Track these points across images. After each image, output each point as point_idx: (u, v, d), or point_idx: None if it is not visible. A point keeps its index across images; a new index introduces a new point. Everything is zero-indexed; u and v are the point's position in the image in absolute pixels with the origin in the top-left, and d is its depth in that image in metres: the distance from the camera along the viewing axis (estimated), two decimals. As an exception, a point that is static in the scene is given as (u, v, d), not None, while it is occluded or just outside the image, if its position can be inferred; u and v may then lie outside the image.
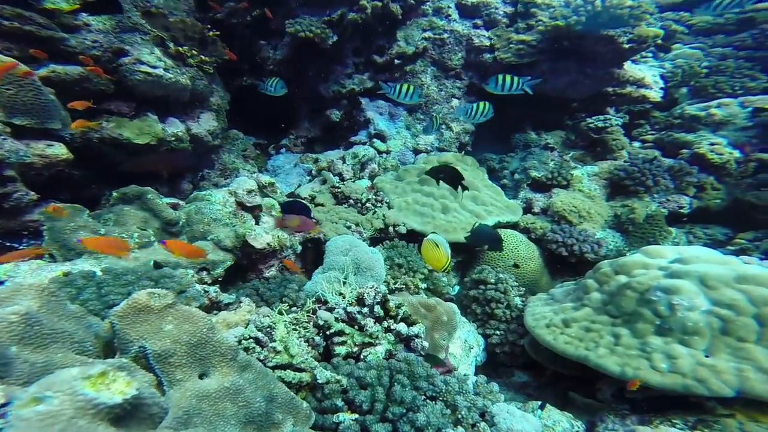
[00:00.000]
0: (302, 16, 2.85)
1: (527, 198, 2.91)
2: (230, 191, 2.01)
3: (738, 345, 1.37)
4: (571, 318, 1.78)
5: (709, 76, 3.96)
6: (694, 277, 1.54)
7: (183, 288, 1.37)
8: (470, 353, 2.12)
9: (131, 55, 1.82)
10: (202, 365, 0.86)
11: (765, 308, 1.39)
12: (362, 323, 1.53)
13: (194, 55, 2.14)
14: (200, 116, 2.40)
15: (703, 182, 2.66)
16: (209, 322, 0.89)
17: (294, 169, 3.02)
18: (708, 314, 1.45)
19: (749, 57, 4.32)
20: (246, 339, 1.28)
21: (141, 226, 1.69)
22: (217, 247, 1.77)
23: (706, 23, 4.94)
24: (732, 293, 1.45)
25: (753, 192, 2.52)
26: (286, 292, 1.77)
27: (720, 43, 4.67)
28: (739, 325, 1.39)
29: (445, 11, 3.67)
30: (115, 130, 1.85)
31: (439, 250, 1.53)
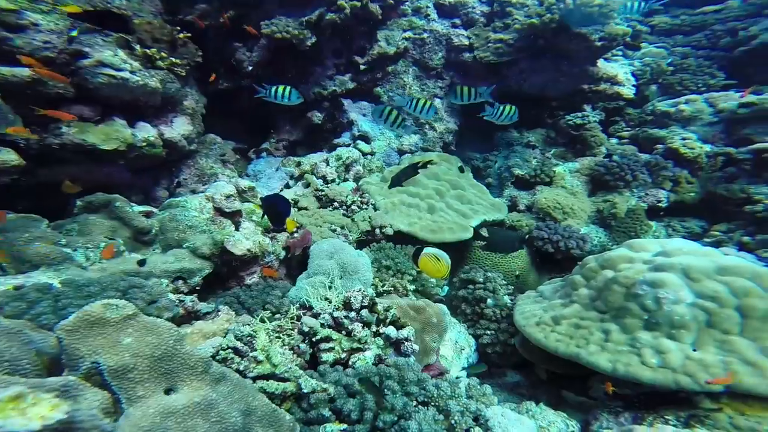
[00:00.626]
0: (278, 18, 2.77)
1: (512, 196, 2.93)
2: (207, 197, 1.91)
3: (723, 338, 1.39)
4: (561, 315, 1.77)
5: (674, 73, 4.15)
6: (678, 270, 1.57)
7: (154, 298, 1.27)
8: (462, 354, 2.09)
9: (92, 57, 1.69)
10: (168, 380, 0.78)
11: (745, 299, 1.42)
12: (350, 328, 1.48)
13: (164, 58, 2.02)
14: (174, 120, 2.27)
15: (677, 176, 2.75)
16: (176, 333, 0.81)
17: (276, 173, 2.92)
18: (693, 307, 1.47)
19: (707, 56, 4.59)
20: (224, 349, 1.21)
21: (109, 235, 1.57)
22: (193, 254, 1.67)
23: (666, 24, 5.21)
24: (714, 285, 1.48)
25: (723, 185, 2.62)
26: (269, 299, 1.70)
27: (680, 42, 4.94)
28: (723, 318, 1.41)
29: (424, 11, 3.67)
30: (78, 135, 1.72)
31: (440, 263, 1.56)
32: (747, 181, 2.57)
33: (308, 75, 3.26)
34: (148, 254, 1.65)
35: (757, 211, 2.34)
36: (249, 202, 2.11)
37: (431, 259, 1.55)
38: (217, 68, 2.95)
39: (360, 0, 3.03)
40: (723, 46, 4.69)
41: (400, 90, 3.58)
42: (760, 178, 2.52)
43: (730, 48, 4.60)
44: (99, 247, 1.50)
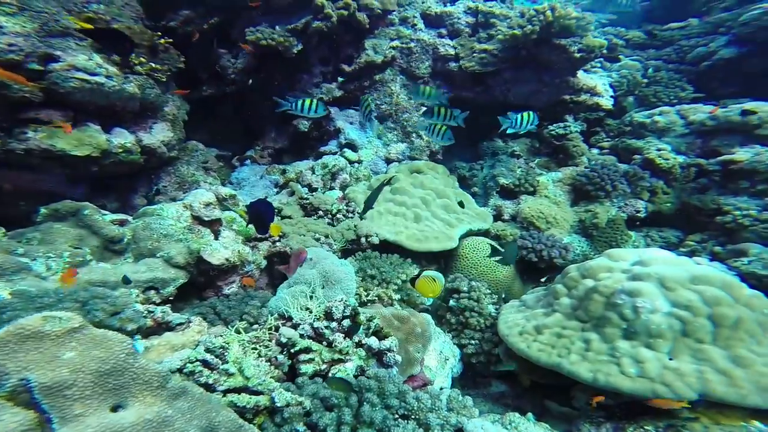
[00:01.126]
0: (264, 25, 2.76)
1: (497, 205, 2.96)
2: (185, 205, 1.86)
3: (697, 346, 1.42)
4: (543, 324, 1.78)
5: (649, 86, 4.33)
6: (654, 279, 1.60)
7: (117, 309, 1.22)
8: (446, 365, 2.07)
9: (63, 61, 1.64)
10: (116, 396, 0.74)
11: (717, 308, 1.45)
12: (331, 339, 1.45)
13: (143, 63, 1.98)
14: (153, 126, 2.21)
15: (654, 186, 2.84)
16: (128, 346, 0.77)
17: (260, 181, 2.88)
18: (669, 316, 1.50)
19: (676, 70, 4.84)
20: (192, 362, 1.16)
21: (74, 244, 1.50)
22: (167, 264, 1.61)
23: (640, 38, 5.47)
24: (688, 294, 1.51)
25: (696, 196, 2.72)
26: (247, 310, 1.65)
27: (652, 56, 5.19)
28: (696, 327, 1.44)
29: (411, 21, 3.73)
30: (46, 140, 1.65)
31: (435, 284, 1.63)
32: (717, 192, 2.68)
33: (295, 82, 3.26)
34: (118, 264, 1.58)
35: (727, 222, 2.44)
36: (230, 211, 2.06)
37: (428, 281, 1.62)
38: (201, 75, 2.91)
39: (347, 9, 3.06)
40: (690, 60, 4.94)
41: (388, 98, 3.61)
42: (727, 189, 2.62)
43: (696, 62, 4.86)
44: (62, 257, 1.43)
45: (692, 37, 5.09)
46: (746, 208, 2.41)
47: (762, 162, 2.49)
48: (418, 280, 1.66)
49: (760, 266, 2.10)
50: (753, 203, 2.43)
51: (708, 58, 4.76)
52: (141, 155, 2.08)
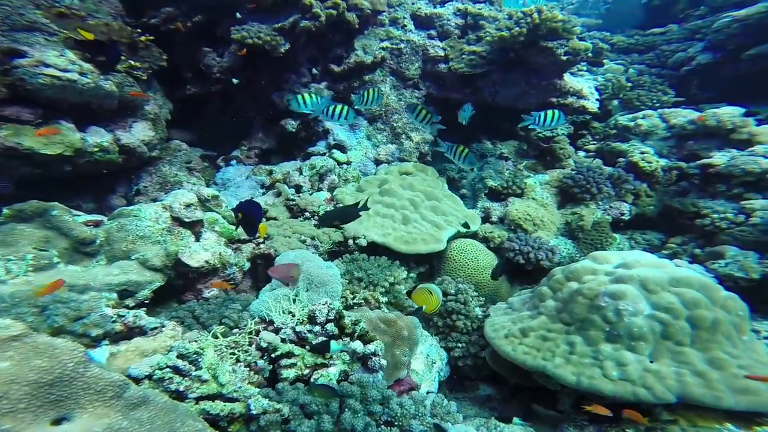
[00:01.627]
0: (250, 23, 2.70)
1: (485, 207, 2.97)
2: (164, 205, 1.80)
3: (677, 349, 1.45)
4: (528, 327, 1.79)
5: (633, 89, 4.42)
6: (637, 282, 1.62)
7: (81, 314, 1.16)
8: (433, 368, 2.06)
9: (31, 57, 1.56)
10: (60, 408, 0.69)
11: (696, 310, 1.48)
12: (314, 343, 1.42)
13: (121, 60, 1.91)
14: (133, 125, 2.14)
15: (638, 189, 2.89)
16: (78, 354, 0.73)
17: (245, 181, 2.82)
18: (650, 319, 1.52)
19: (658, 74, 4.97)
20: (161, 368, 1.12)
21: (40, 246, 1.43)
22: (143, 266, 1.56)
23: (623, 43, 5.60)
24: (669, 296, 1.54)
25: (677, 199, 2.78)
26: (227, 313, 1.61)
27: (636, 60, 5.32)
28: (676, 329, 1.46)
29: (401, 22, 3.72)
30: (12, 138, 1.57)
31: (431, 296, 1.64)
32: (697, 195, 2.74)
33: (282, 82, 3.20)
34: (89, 266, 1.52)
35: (706, 225, 2.50)
36: (212, 212, 2.01)
37: (424, 292, 1.62)
38: (185, 73, 2.83)
39: (336, 8, 3.02)
40: (671, 65, 5.09)
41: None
42: (706, 193, 2.69)
43: (676, 67, 5.00)
44: (25, 260, 1.36)
45: (672, 42, 5.25)
46: (723, 212, 2.48)
47: (737, 166, 2.57)
48: (415, 292, 1.66)
49: (735, 268, 2.15)
50: (729, 206, 2.50)
51: (687, 63, 4.90)
52: (119, 155, 2.01)
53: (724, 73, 4.62)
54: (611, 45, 5.52)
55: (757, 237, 2.29)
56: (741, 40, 4.40)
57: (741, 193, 2.51)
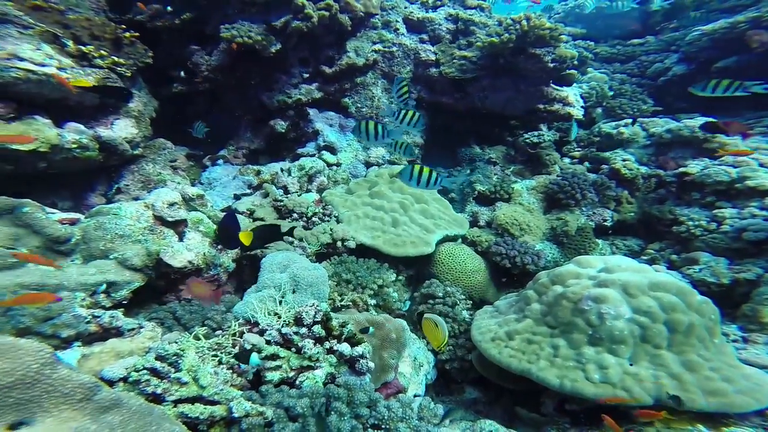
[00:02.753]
0: (241, 22, 2.67)
1: (473, 211, 3.01)
2: (146, 204, 1.75)
3: (654, 352, 1.49)
4: (514, 330, 1.82)
5: (615, 98, 4.57)
6: (618, 286, 1.67)
7: (51, 314, 1.12)
8: (420, 371, 2.07)
9: (2, 50, 1.49)
10: (20, 411, 0.66)
11: (673, 314, 1.54)
12: (300, 345, 1.40)
13: (104, 56, 1.85)
14: (115, 122, 2.07)
15: (620, 196, 2.99)
16: (44, 356, 0.70)
17: (232, 181, 2.77)
18: (630, 322, 1.56)
19: (638, 83, 5.17)
20: (138, 370, 1.08)
21: (8, 244, 1.37)
22: (121, 266, 1.50)
23: (606, 52, 5.81)
24: (648, 300, 1.59)
25: (656, 206, 2.89)
26: (210, 314, 1.58)
27: (618, 70, 5.52)
28: (654, 332, 1.51)
29: (394, 25, 3.74)
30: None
31: (437, 330, 1.60)
32: (674, 202, 2.86)
33: (272, 82, 3.17)
34: (64, 265, 1.46)
35: (682, 232, 2.60)
36: (197, 211, 1.96)
37: (431, 323, 1.61)
38: (171, 71, 2.76)
39: (328, 10, 3.02)
40: (650, 75, 5.30)
41: (369, 101, 3.59)
42: (682, 200, 2.81)
43: (655, 77, 5.21)
44: None
45: (650, 53, 5.47)
46: (697, 219, 2.59)
47: (709, 175, 2.69)
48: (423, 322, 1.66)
49: (708, 274, 2.25)
50: (703, 214, 2.62)
51: (664, 73, 5.11)
52: (99, 152, 1.94)
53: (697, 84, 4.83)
54: (595, 54, 5.70)
55: (727, 244, 2.40)
56: (710, 53, 4.63)
57: (713, 202, 2.63)
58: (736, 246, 2.37)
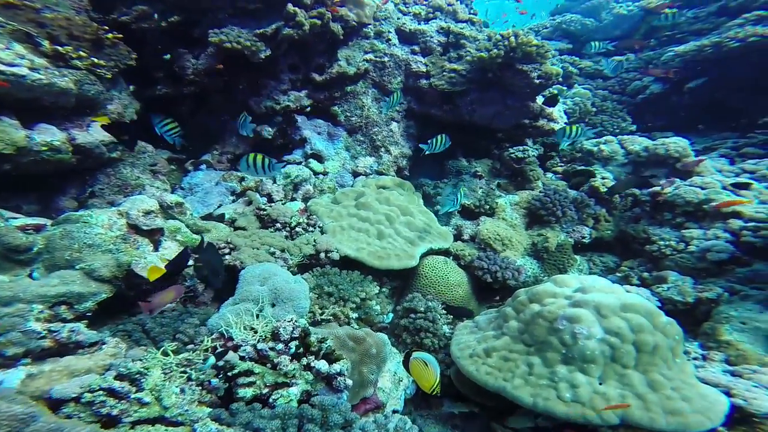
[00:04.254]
0: (230, 27, 2.63)
1: (458, 225, 3.05)
2: (120, 212, 1.69)
3: (622, 371, 1.55)
4: (492, 347, 1.85)
5: (597, 114, 4.74)
6: (592, 306, 1.72)
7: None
8: (400, 386, 2.07)
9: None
10: None
11: (640, 335, 1.60)
12: (276, 361, 1.38)
13: (82, 57, 1.79)
14: (92, 125, 2.01)
15: (598, 214, 3.09)
16: None
17: (215, 187, 2.71)
18: (601, 342, 1.62)
19: (619, 100, 5.38)
20: (93, 391, 1.04)
21: None
22: (87, 277, 1.44)
23: (590, 68, 6.03)
24: (618, 321, 1.65)
25: (631, 225, 3.01)
26: (182, 328, 1.53)
27: (600, 86, 5.73)
28: (623, 353, 1.57)
29: (386, 35, 3.77)
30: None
31: (428, 369, 1.53)
32: (648, 221, 2.99)
33: (261, 87, 3.14)
34: (21, 275, 1.39)
35: (653, 251, 2.72)
36: (175, 220, 1.91)
37: (419, 363, 1.55)
38: (156, 73, 2.70)
39: (320, 18, 3.02)
40: (629, 92, 5.53)
41: (359, 110, 3.60)
42: (655, 220, 2.94)
43: (634, 95, 5.44)
44: None
45: (630, 71, 5.70)
46: (668, 239, 2.71)
47: (679, 196, 2.82)
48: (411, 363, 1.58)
49: (675, 292, 2.36)
50: (673, 234, 2.74)
51: (642, 91, 5.34)
52: (73, 155, 1.87)
53: (672, 103, 5.08)
54: (579, 69, 5.90)
55: (693, 264, 2.53)
56: (683, 73, 4.88)
57: (683, 222, 2.76)
58: (701, 266, 2.50)
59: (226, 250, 2.06)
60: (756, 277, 2.28)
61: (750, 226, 2.49)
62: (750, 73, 4.38)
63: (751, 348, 1.94)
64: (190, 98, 2.92)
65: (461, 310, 2.39)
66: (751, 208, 2.60)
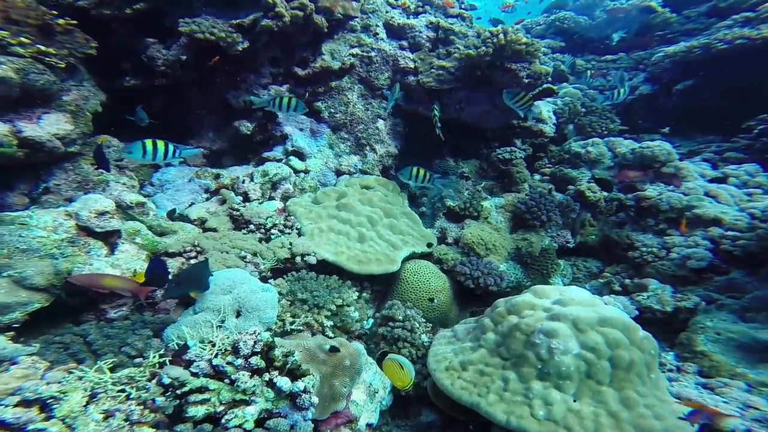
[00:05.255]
0: (204, 17, 2.47)
1: (443, 227, 2.98)
2: (68, 212, 1.57)
3: (597, 388, 1.51)
4: (468, 360, 1.79)
5: (586, 115, 4.68)
6: (569, 320, 1.68)
7: None
8: (375, 397, 2.01)
9: None
10: None
11: (617, 350, 1.56)
12: (233, 377, 1.30)
13: (25, 44, 1.63)
14: (44, 117, 1.85)
15: (583, 219, 3.05)
16: None
17: (188, 184, 2.58)
18: (577, 358, 1.57)
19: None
20: None
21: None
22: (16, 285, 1.32)
23: (581, 67, 5.98)
24: (595, 336, 1.60)
25: (615, 230, 2.98)
26: (131, 340, 1.41)
27: (591, 86, 5.68)
28: (598, 369, 1.53)
29: (374, 29, 3.63)
30: None
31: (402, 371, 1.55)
32: (632, 227, 2.96)
33: (240, 81, 2.99)
34: None
35: (636, 257, 2.70)
36: (135, 221, 1.79)
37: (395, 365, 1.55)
38: (123, 63, 2.53)
39: (302, 10, 2.87)
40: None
41: (343, 107, 3.47)
42: (639, 225, 2.92)
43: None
44: None
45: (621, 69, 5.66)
46: (650, 245, 2.69)
47: (663, 201, 2.79)
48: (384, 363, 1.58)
49: (654, 301, 2.34)
50: (656, 241, 2.72)
51: (632, 92, 5.31)
52: (19, 148, 1.72)
53: (660, 105, 5.07)
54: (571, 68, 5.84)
55: (673, 271, 2.51)
56: (672, 74, 4.86)
57: (665, 229, 2.74)
58: (681, 273, 2.48)
59: (192, 254, 1.95)
60: (732, 286, 2.28)
61: (729, 235, 2.47)
62: (736, 76, 4.38)
63: (723, 359, 1.93)
64: (163, 91, 2.76)
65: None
66: (731, 216, 2.58)
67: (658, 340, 2.21)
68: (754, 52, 4.17)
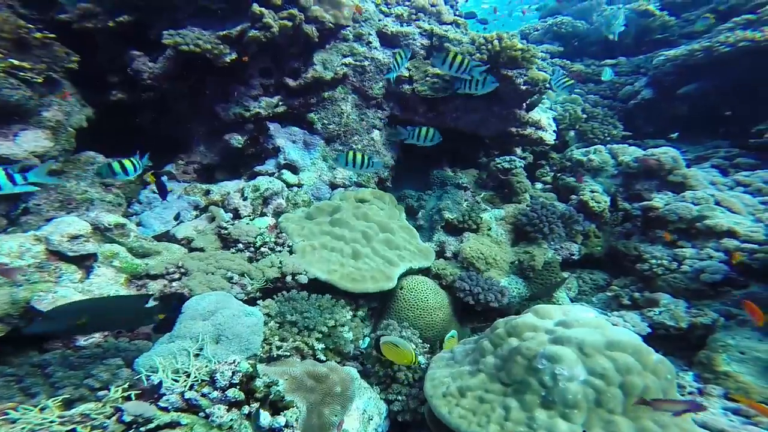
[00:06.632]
0: (190, 28, 2.43)
1: (441, 241, 2.87)
2: (37, 237, 1.48)
3: (608, 418, 1.39)
4: (467, 386, 1.68)
5: (587, 121, 4.58)
6: (574, 344, 1.56)
7: None
8: (369, 425, 1.90)
9: None
10: None
11: (628, 377, 1.44)
12: (208, 411, 1.19)
13: (-2, 58, 1.58)
14: (20, 134, 1.79)
15: (587, 230, 2.93)
16: None
17: (176, 201, 2.51)
18: (585, 385, 1.45)
19: (610, 106, 5.24)
20: None
21: None
22: None
23: (581, 72, 5.90)
24: (604, 361, 1.48)
25: (622, 241, 2.86)
26: (96, 371, 1.30)
27: (592, 90, 5.59)
28: (609, 397, 1.41)
29: (366, 38, 3.58)
30: None
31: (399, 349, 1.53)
32: (639, 238, 2.84)
33: (229, 93, 2.93)
34: None
35: (645, 270, 2.57)
36: (114, 243, 1.71)
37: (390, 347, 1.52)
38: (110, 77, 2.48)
39: (291, 20, 2.82)
40: (621, 97, 5.39)
41: (337, 118, 3.41)
42: (647, 236, 2.79)
43: (626, 100, 5.30)
44: None
45: (622, 75, 5.58)
46: (660, 258, 2.56)
47: (672, 211, 2.67)
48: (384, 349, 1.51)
49: (667, 317, 2.21)
50: (665, 253, 2.59)
51: (634, 96, 5.21)
52: (-7, 167, 1.65)
53: (663, 110, 4.96)
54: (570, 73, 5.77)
55: (686, 285, 2.38)
56: (674, 78, 4.76)
57: (675, 240, 2.61)
58: (695, 287, 2.35)
59: (176, 276, 1.86)
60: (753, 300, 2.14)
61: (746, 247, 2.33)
62: (741, 79, 4.28)
63: (753, 381, 1.79)
64: (151, 105, 2.71)
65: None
66: (746, 228, 2.45)
67: (674, 359, 2.08)
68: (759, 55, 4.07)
